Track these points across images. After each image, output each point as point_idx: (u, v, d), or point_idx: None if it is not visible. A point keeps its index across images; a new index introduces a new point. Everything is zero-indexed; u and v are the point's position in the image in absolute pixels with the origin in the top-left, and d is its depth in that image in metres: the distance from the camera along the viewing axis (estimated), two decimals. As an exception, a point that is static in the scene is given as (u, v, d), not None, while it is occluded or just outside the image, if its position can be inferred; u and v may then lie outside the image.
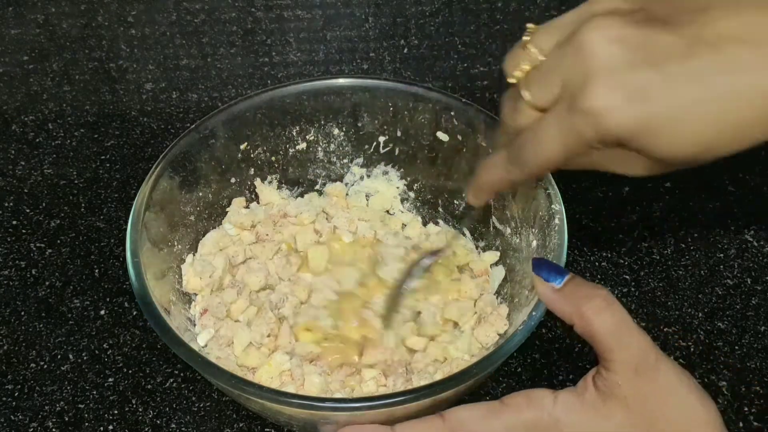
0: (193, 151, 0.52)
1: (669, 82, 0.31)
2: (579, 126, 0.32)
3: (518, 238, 0.52)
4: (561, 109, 0.33)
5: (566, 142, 0.33)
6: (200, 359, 0.40)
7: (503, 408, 0.38)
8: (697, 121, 0.31)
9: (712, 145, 0.32)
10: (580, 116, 0.32)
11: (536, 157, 0.35)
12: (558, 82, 0.33)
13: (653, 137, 0.31)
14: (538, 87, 0.34)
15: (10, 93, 0.74)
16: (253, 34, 0.77)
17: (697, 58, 0.30)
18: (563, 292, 0.38)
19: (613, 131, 0.31)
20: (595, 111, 0.31)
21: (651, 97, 0.31)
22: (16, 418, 0.51)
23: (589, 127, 0.32)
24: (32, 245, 0.61)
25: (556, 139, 0.33)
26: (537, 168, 0.36)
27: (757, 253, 0.61)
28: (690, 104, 0.31)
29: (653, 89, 0.31)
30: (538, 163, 0.35)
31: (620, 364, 0.36)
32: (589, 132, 0.32)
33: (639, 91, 0.31)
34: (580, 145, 0.33)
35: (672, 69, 0.31)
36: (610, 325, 0.36)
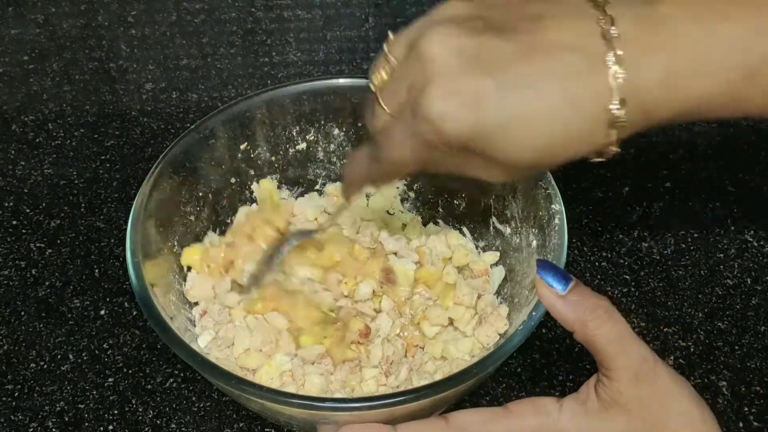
0: (193, 151, 0.52)
1: (502, 89, 0.31)
2: (420, 131, 0.33)
3: (518, 238, 0.52)
4: (407, 115, 0.34)
5: (413, 146, 0.34)
6: (200, 359, 0.40)
7: (507, 414, 0.38)
8: (529, 127, 0.32)
9: (550, 151, 0.33)
10: (420, 122, 0.33)
11: (389, 158, 0.36)
12: (404, 88, 0.34)
13: (489, 143, 0.32)
14: (388, 94, 0.35)
15: (10, 93, 0.74)
16: (253, 34, 0.77)
17: (530, 64, 0.31)
18: (567, 298, 0.38)
19: (451, 136, 0.32)
20: (433, 117, 0.32)
21: (484, 104, 0.31)
22: (16, 418, 0.51)
23: (429, 133, 0.32)
24: (32, 245, 0.61)
25: (404, 142, 0.34)
26: (392, 168, 0.37)
27: (757, 253, 0.61)
28: (522, 110, 0.31)
29: (486, 96, 0.31)
30: (392, 164, 0.36)
31: (621, 372, 0.36)
32: (430, 136, 0.33)
33: (473, 98, 0.31)
34: (425, 148, 0.34)
35: (505, 76, 0.31)
36: (612, 335, 0.37)
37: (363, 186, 0.42)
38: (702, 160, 0.68)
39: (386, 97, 0.36)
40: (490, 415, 0.38)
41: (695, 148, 0.69)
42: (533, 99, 0.31)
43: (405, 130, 0.34)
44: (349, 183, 0.43)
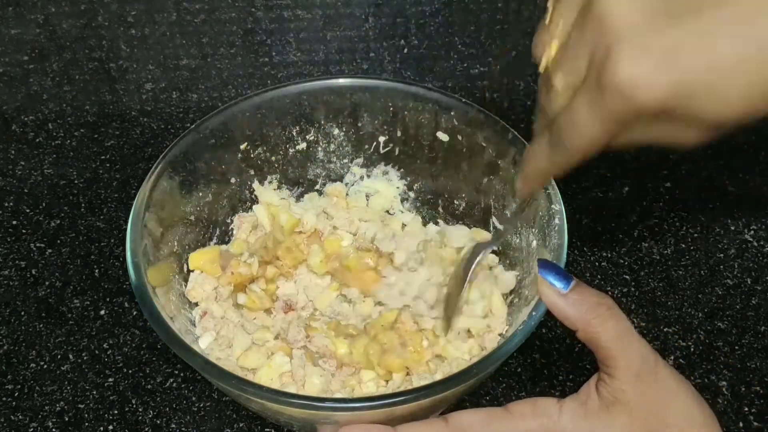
0: (193, 151, 0.52)
1: (701, 38, 0.27)
2: (610, 104, 0.29)
3: (518, 237, 0.52)
4: (590, 88, 0.30)
5: (602, 122, 0.30)
6: (200, 359, 0.40)
7: (507, 415, 0.38)
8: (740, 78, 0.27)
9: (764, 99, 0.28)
10: (609, 93, 0.29)
11: (576, 140, 0.32)
12: (584, 57, 0.30)
13: (694, 103, 0.28)
14: (566, 68, 0.32)
15: (10, 93, 0.74)
16: (253, 34, 0.77)
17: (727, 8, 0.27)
18: (569, 297, 0.38)
19: (647, 104, 0.28)
20: (624, 85, 0.28)
21: (683, 59, 0.27)
22: (16, 418, 0.51)
23: (622, 104, 0.29)
24: (32, 245, 0.61)
25: (591, 120, 0.30)
26: (580, 151, 0.33)
27: (757, 253, 0.61)
28: (729, 59, 0.27)
29: (684, 49, 0.27)
30: (580, 147, 0.32)
31: (623, 371, 0.36)
32: (623, 108, 0.29)
33: (668, 54, 0.27)
34: (617, 122, 0.30)
35: (702, 22, 0.27)
36: (614, 333, 0.36)
37: (545, 180, 0.39)
38: (702, 160, 0.68)
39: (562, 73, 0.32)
40: (489, 415, 0.38)
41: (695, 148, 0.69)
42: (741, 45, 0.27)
43: (591, 106, 0.30)
44: (532, 179, 0.38)
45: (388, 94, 0.56)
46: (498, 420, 0.38)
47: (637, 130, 0.31)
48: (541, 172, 0.37)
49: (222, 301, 0.51)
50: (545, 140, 0.35)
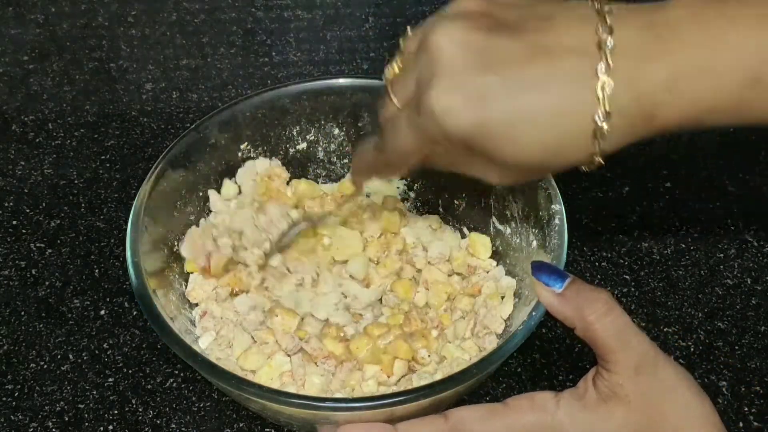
0: (194, 151, 0.52)
1: (506, 87, 0.31)
2: (424, 124, 0.33)
3: (518, 238, 0.52)
4: (412, 107, 0.34)
5: (416, 138, 0.35)
6: (200, 359, 0.40)
7: (506, 409, 0.38)
8: (532, 128, 0.32)
9: (554, 152, 0.33)
10: (423, 115, 0.33)
11: (394, 147, 0.37)
12: (413, 81, 0.34)
13: (492, 141, 0.32)
14: (399, 86, 0.36)
15: (10, 93, 0.74)
16: (253, 34, 0.77)
17: (536, 65, 0.31)
18: (564, 296, 0.38)
19: (452, 132, 0.32)
20: (436, 112, 0.32)
21: (488, 101, 0.31)
22: (16, 418, 0.51)
23: (432, 127, 0.33)
24: (32, 245, 0.61)
25: (407, 133, 0.35)
26: (396, 157, 0.37)
27: (757, 253, 0.61)
28: (525, 110, 0.31)
29: (491, 93, 0.31)
30: (396, 153, 0.37)
31: (622, 365, 0.36)
32: (432, 130, 0.33)
33: (477, 95, 0.31)
34: (427, 141, 0.34)
35: (510, 74, 0.31)
36: (612, 328, 0.36)
37: (369, 175, 0.43)
38: (702, 160, 0.68)
39: (396, 89, 0.36)
40: (488, 411, 0.38)
41: (695, 148, 0.69)
42: (536, 100, 0.31)
43: (409, 122, 0.35)
44: (356, 171, 0.44)
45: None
46: (496, 415, 0.38)
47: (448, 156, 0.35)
48: (365, 167, 0.42)
49: (222, 302, 0.51)
50: (373, 142, 0.40)
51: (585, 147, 0.32)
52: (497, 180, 0.36)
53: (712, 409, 0.37)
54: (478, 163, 0.35)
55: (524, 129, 0.32)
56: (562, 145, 0.32)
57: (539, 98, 0.31)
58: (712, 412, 0.37)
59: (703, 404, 0.37)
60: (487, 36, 0.32)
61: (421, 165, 0.37)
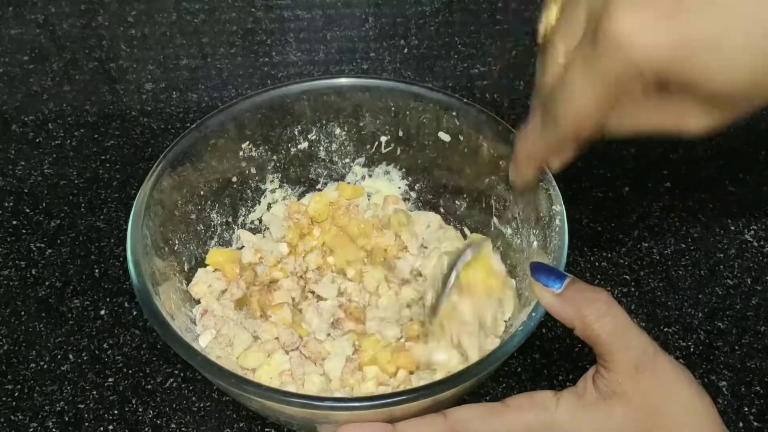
0: (194, 151, 0.52)
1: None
2: (606, 62, 0.26)
3: (519, 238, 0.52)
4: (585, 47, 0.27)
5: (596, 86, 0.28)
6: (200, 358, 0.40)
7: (506, 409, 0.38)
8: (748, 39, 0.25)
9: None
10: (604, 49, 0.26)
11: (568, 111, 0.30)
12: (581, 20, 0.28)
13: (697, 64, 0.26)
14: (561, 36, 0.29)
15: (10, 93, 0.74)
16: (253, 34, 0.77)
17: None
18: (563, 296, 0.38)
19: (646, 60, 0.26)
20: (620, 38, 0.26)
21: (687, 13, 0.25)
22: (16, 418, 0.51)
23: (617, 61, 0.26)
24: (32, 245, 0.61)
25: (584, 85, 0.28)
26: (570, 125, 0.30)
27: (757, 253, 0.61)
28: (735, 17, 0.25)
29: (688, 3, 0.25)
30: (571, 119, 0.30)
31: (621, 364, 0.36)
32: (618, 67, 0.26)
33: (671, 7, 0.25)
34: (611, 87, 0.27)
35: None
36: (611, 327, 0.36)
37: (538, 165, 0.36)
38: (702, 160, 0.68)
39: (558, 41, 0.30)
40: (488, 410, 0.38)
41: (695, 148, 0.69)
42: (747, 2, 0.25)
43: (587, 69, 0.28)
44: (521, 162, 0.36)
45: (390, 94, 0.56)
46: (496, 414, 0.38)
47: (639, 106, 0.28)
48: (532, 154, 0.35)
49: (223, 300, 0.51)
50: (538, 120, 0.33)
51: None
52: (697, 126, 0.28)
53: (711, 406, 0.37)
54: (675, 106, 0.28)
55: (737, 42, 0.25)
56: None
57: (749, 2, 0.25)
58: (712, 410, 0.37)
59: (702, 402, 0.37)
60: None
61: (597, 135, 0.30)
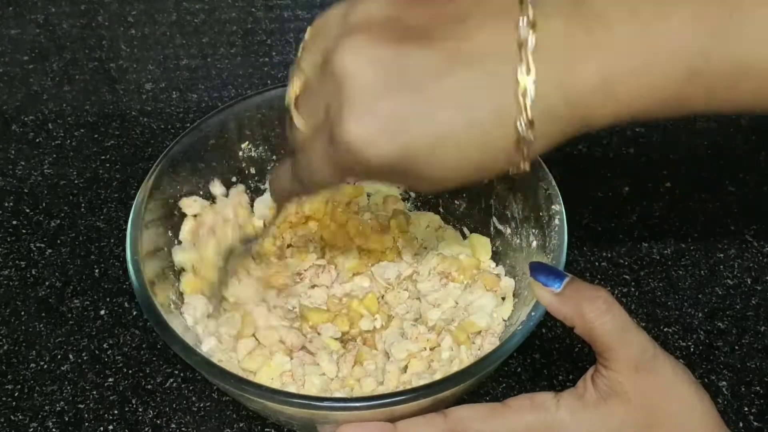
0: (194, 151, 0.52)
1: (424, 106, 0.29)
2: (342, 158, 0.30)
3: (518, 238, 0.52)
4: (324, 139, 0.31)
5: (332, 169, 0.32)
6: (200, 359, 0.40)
7: (506, 409, 0.38)
8: (456, 146, 0.29)
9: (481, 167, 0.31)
10: (340, 148, 0.30)
11: (311, 178, 0.34)
12: (321, 107, 0.31)
13: (416, 165, 0.30)
14: (304, 110, 0.33)
15: (10, 93, 0.74)
16: (253, 34, 0.77)
17: (455, 76, 0.29)
18: (563, 295, 0.38)
19: (373, 162, 0.30)
20: (352, 145, 0.29)
21: (408, 125, 0.29)
22: (16, 418, 0.51)
23: (352, 160, 0.30)
24: (32, 245, 0.61)
25: (323, 165, 0.32)
26: (314, 188, 0.36)
27: (757, 253, 0.61)
28: (446, 129, 0.29)
29: (410, 116, 0.29)
30: (314, 184, 0.35)
31: (621, 362, 0.36)
32: (354, 164, 0.30)
33: (395, 120, 0.29)
34: (347, 172, 0.32)
35: (427, 91, 0.29)
36: (611, 326, 0.36)
37: (290, 199, 0.40)
38: (702, 160, 0.68)
39: (302, 114, 0.33)
40: (488, 410, 0.38)
41: (695, 148, 0.69)
42: (456, 116, 0.29)
43: (323, 153, 0.32)
44: (277, 197, 0.41)
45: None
46: (496, 414, 0.38)
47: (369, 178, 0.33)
48: (285, 193, 0.39)
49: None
50: (287, 168, 0.37)
51: (510, 156, 0.30)
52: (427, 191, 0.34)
53: (711, 404, 0.37)
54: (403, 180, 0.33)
55: (448, 149, 0.29)
56: (487, 159, 0.30)
57: (460, 114, 0.29)
58: (712, 408, 0.37)
59: (702, 400, 0.37)
60: (396, 48, 0.29)
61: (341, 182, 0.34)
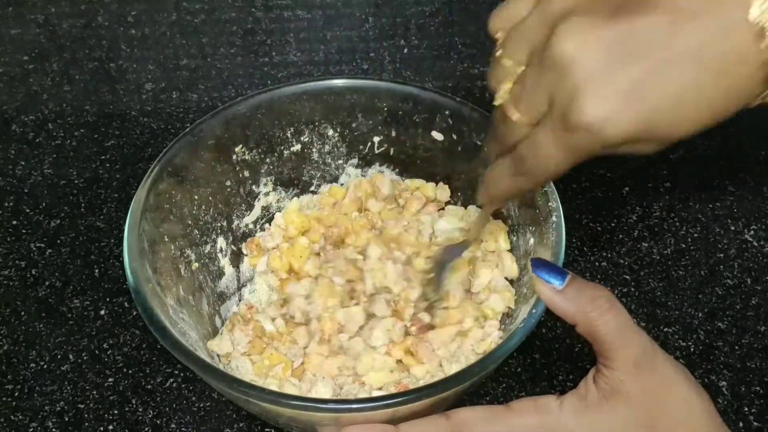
0: (189, 154, 0.52)
1: (661, 70, 0.29)
2: (579, 141, 0.31)
3: (516, 236, 0.52)
4: (556, 127, 0.32)
5: (570, 155, 0.32)
6: (200, 363, 0.40)
7: (509, 412, 0.38)
8: (699, 100, 0.30)
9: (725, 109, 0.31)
10: (577, 132, 0.31)
11: (542, 169, 0.34)
12: (545, 98, 0.32)
13: (660, 129, 0.31)
14: (525, 106, 0.34)
15: (10, 93, 0.74)
16: (253, 34, 0.77)
17: (684, 32, 0.29)
18: (565, 292, 0.38)
19: (616, 139, 0.30)
20: (593, 125, 0.30)
21: (647, 92, 0.30)
22: (16, 418, 0.51)
23: (590, 140, 0.31)
24: (32, 245, 0.61)
25: (556, 152, 0.33)
26: (546, 178, 0.35)
27: (757, 253, 0.61)
28: (687, 86, 0.30)
29: (646, 84, 0.30)
30: (547, 175, 0.35)
31: (622, 361, 0.36)
32: (591, 144, 0.31)
33: (632, 90, 0.30)
34: (584, 155, 0.32)
35: (660, 54, 0.29)
36: (613, 325, 0.37)
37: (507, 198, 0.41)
38: (702, 160, 0.68)
39: (523, 110, 0.34)
40: (491, 412, 0.38)
41: (695, 148, 0.69)
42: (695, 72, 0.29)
43: (555, 141, 0.32)
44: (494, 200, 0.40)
45: (383, 94, 0.56)
46: (499, 417, 0.38)
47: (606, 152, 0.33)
48: (505, 193, 0.39)
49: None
50: (506, 166, 0.37)
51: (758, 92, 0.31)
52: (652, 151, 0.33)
53: (710, 404, 0.37)
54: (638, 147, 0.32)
55: (690, 105, 0.30)
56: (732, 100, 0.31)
57: (696, 68, 0.29)
58: (711, 407, 0.37)
59: (702, 399, 0.37)
60: (615, 22, 0.30)
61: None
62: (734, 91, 0.31)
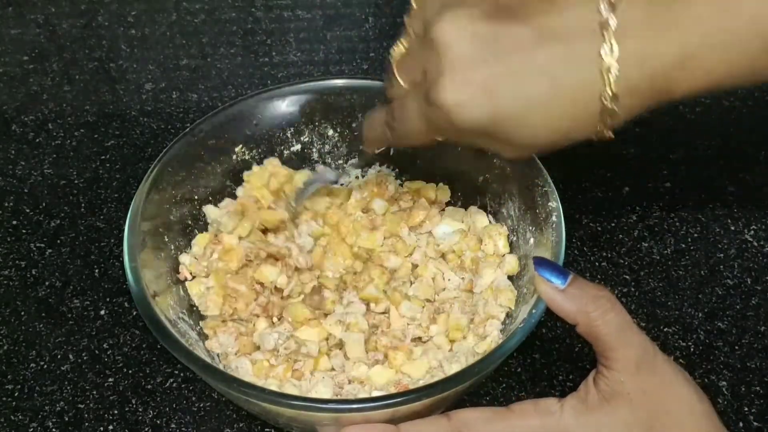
0: (188, 155, 0.52)
1: (515, 77, 0.32)
2: (434, 116, 0.34)
3: (515, 236, 0.52)
4: (420, 97, 0.35)
5: (425, 125, 0.36)
6: (200, 363, 0.40)
7: (510, 414, 0.38)
8: (543, 114, 0.33)
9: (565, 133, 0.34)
10: (434, 109, 0.33)
11: (403, 129, 0.38)
12: (419, 69, 0.35)
13: (504, 129, 0.33)
14: (405, 68, 0.37)
15: (10, 93, 0.74)
16: (253, 34, 0.77)
17: (542, 50, 0.32)
18: (567, 292, 0.38)
19: (464, 125, 0.33)
20: (446, 106, 0.33)
21: (499, 93, 0.32)
22: (16, 418, 0.51)
23: (444, 119, 0.33)
24: (32, 245, 0.61)
25: (416, 120, 0.36)
26: (405, 138, 0.39)
27: (757, 253, 0.61)
28: (535, 98, 0.32)
29: (501, 84, 0.32)
30: (406, 135, 0.38)
31: (623, 362, 0.36)
32: (445, 124, 0.34)
33: (487, 87, 0.32)
34: (438, 130, 0.35)
35: (518, 63, 0.32)
36: (615, 325, 0.37)
37: (381, 146, 0.44)
38: (702, 160, 0.68)
39: (402, 71, 0.37)
40: (492, 413, 0.38)
41: (695, 148, 0.69)
42: (545, 86, 0.32)
43: (418, 110, 0.35)
44: (368, 143, 0.45)
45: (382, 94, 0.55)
46: (500, 418, 0.38)
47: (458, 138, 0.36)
48: (376, 139, 0.43)
49: None
50: (382, 115, 0.41)
51: (595, 125, 0.33)
52: (510, 156, 0.36)
53: (709, 405, 0.38)
54: (490, 144, 0.35)
55: (535, 116, 0.33)
56: (572, 126, 0.33)
57: (548, 85, 0.32)
58: (710, 409, 0.38)
59: (701, 401, 0.37)
60: (492, 23, 0.32)
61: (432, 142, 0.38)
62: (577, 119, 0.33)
